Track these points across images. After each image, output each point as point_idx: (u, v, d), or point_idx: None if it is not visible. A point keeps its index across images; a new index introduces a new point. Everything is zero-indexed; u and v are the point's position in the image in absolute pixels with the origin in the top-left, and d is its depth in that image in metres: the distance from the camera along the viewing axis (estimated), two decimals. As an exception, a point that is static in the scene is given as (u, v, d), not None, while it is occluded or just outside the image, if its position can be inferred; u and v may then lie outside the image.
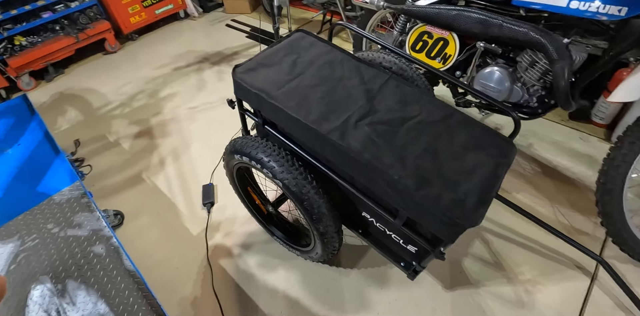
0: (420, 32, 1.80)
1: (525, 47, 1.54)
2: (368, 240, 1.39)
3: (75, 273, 1.24)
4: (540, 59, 1.50)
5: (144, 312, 1.12)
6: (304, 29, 1.47)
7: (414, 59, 1.33)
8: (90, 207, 1.44)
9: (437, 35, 1.75)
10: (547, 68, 1.50)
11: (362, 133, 1.08)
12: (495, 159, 1.06)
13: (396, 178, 0.99)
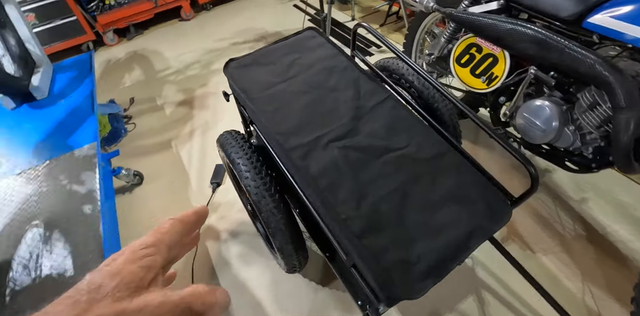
0: (468, 43, 1.51)
1: (589, 83, 1.20)
2: (333, 267, 1.28)
3: (62, 226, 1.34)
4: (604, 101, 1.16)
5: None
6: (313, 26, 1.33)
7: (434, 83, 1.11)
8: (95, 169, 1.54)
9: (486, 50, 1.46)
10: (610, 114, 1.16)
11: (329, 157, 0.94)
12: (476, 222, 0.85)
13: (342, 218, 0.85)
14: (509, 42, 1.29)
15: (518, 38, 1.25)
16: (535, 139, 1.40)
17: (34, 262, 1.24)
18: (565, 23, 1.22)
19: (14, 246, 1.29)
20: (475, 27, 1.36)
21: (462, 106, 1.01)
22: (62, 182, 1.51)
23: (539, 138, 1.38)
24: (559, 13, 1.20)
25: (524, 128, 1.42)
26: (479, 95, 1.61)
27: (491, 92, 1.52)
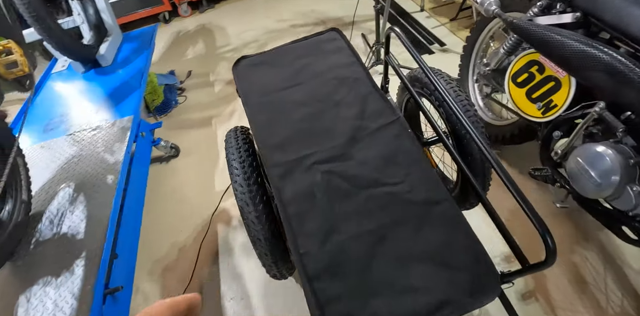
0: (529, 60, 1.23)
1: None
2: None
3: (87, 190, 1.46)
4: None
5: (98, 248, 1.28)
6: (337, 28, 1.18)
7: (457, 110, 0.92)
8: (125, 142, 1.63)
9: (549, 71, 1.18)
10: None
11: (309, 181, 0.85)
12: (453, 294, 0.71)
13: (300, 252, 0.78)
14: (577, 66, 1.01)
15: (589, 64, 0.98)
16: (586, 192, 1.13)
17: (57, 219, 1.37)
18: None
19: (48, 201, 1.45)
20: (538, 42, 1.09)
21: (480, 141, 0.83)
22: (98, 149, 1.63)
23: (591, 192, 1.11)
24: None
25: (574, 175, 1.15)
26: (531, 123, 1.34)
27: (546, 122, 1.25)
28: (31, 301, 1.08)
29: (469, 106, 1.08)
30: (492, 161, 0.79)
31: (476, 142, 0.85)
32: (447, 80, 1.12)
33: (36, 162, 1.56)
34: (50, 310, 1.05)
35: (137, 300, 1.58)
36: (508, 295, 1.32)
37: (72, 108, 1.89)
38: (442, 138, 1.07)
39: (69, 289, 1.08)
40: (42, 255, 1.24)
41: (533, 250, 0.81)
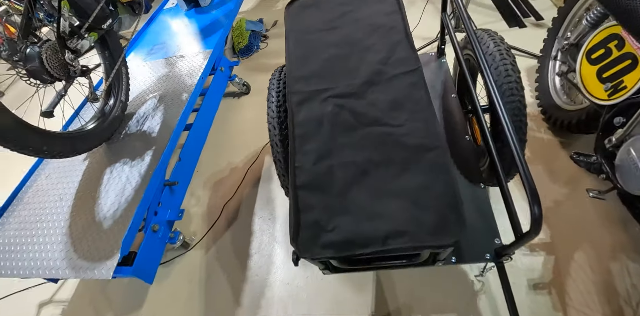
0: (610, 33, 1.06)
1: None
2: None
3: (165, 102, 1.69)
4: None
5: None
6: None
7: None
8: (201, 70, 1.82)
9: (629, 47, 1.01)
10: None
11: (321, 110, 0.93)
12: (413, 229, 0.76)
13: (295, 165, 0.89)
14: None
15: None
16: (630, 187, 1.01)
17: (142, 119, 1.67)
18: None
19: (139, 106, 1.77)
20: (621, 10, 0.93)
21: (503, 116, 0.80)
22: (182, 72, 1.87)
23: (631, 186, 0.99)
24: None
25: (622, 168, 1.02)
26: (597, 107, 1.18)
27: (610, 106, 1.10)
28: (112, 173, 1.42)
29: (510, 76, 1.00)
30: (510, 138, 0.78)
31: (500, 116, 0.82)
32: (495, 45, 1.04)
33: (137, 75, 1.91)
34: (123, 182, 1.38)
35: (191, 201, 1.92)
36: (517, 277, 1.31)
37: (172, 38, 2.19)
38: (475, 109, 1.03)
39: (138, 171, 1.39)
40: (127, 143, 1.56)
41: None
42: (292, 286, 1.54)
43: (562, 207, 1.49)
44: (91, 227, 1.30)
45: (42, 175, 1.54)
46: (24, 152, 1.16)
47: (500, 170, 0.89)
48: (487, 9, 2.38)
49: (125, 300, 1.66)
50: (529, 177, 0.76)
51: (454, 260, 1.07)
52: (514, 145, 0.79)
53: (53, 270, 1.25)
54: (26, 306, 1.75)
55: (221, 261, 1.67)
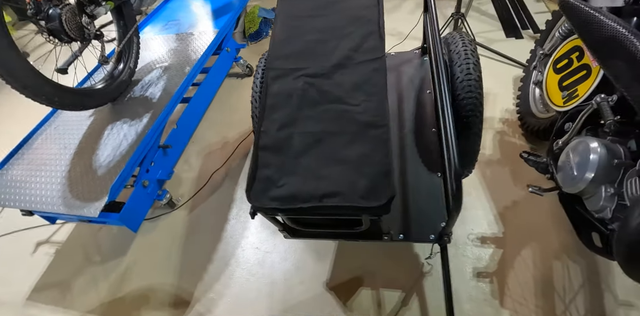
0: (573, 46, 1.12)
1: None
2: None
3: (170, 73, 1.81)
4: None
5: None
6: None
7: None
8: (205, 47, 1.91)
9: (586, 59, 1.07)
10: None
11: (292, 86, 1.03)
12: (346, 190, 0.85)
13: (261, 129, 0.99)
14: (603, 54, 0.93)
15: (613, 51, 0.90)
16: (564, 184, 1.08)
17: (146, 86, 1.77)
18: None
19: (145, 74, 1.87)
20: (579, 22, 1.00)
21: (444, 113, 0.86)
22: (189, 47, 1.97)
23: (567, 185, 1.06)
24: None
25: (561, 168, 1.10)
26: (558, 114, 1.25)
27: (564, 112, 1.16)
28: (113, 130, 1.55)
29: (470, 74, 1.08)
30: (445, 128, 0.84)
31: (444, 109, 0.88)
32: (463, 45, 1.12)
33: (148, 47, 2.03)
34: (120, 139, 1.51)
35: (184, 167, 2.05)
36: (465, 265, 1.40)
37: (185, 16, 2.30)
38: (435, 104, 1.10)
39: (135, 130, 1.52)
40: (130, 105, 1.69)
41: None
42: (260, 250, 1.65)
43: (520, 206, 1.56)
44: (87, 173, 1.43)
45: (52, 125, 1.69)
46: (37, 100, 1.29)
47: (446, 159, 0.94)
48: (489, 17, 2.42)
49: (112, 247, 1.81)
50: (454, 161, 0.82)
51: (401, 237, 1.15)
52: (448, 135, 0.85)
53: (50, 206, 1.39)
54: (25, 243, 1.92)
55: (201, 223, 1.80)
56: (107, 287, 1.67)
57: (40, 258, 1.85)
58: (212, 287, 1.58)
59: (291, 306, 1.46)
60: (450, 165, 0.82)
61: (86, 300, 1.65)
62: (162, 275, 1.65)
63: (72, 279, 1.73)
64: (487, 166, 1.70)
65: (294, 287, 1.51)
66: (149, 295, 1.61)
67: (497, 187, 1.63)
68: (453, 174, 0.82)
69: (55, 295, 1.70)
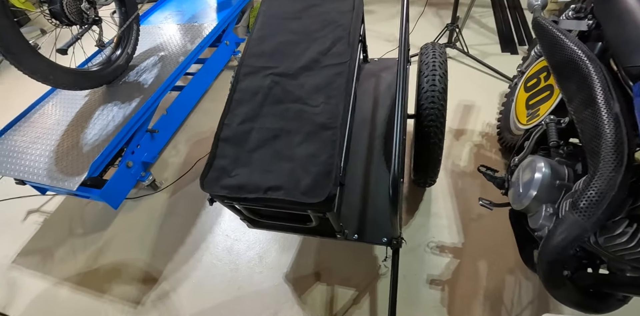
0: (543, 65, 1.13)
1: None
2: None
3: (165, 61, 1.87)
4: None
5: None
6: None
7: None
8: (201, 38, 1.99)
9: (551, 80, 1.08)
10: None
11: (260, 83, 1.07)
12: (291, 186, 0.89)
13: (224, 122, 1.03)
14: (562, 76, 0.94)
15: (569, 74, 0.91)
16: (512, 200, 1.09)
17: (141, 72, 1.84)
18: (630, 75, 0.79)
19: (142, 60, 1.93)
20: (545, 43, 1.01)
21: (399, 121, 0.89)
22: (186, 38, 2.03)
23: (514, 201, 1.07)
24: (623, 56, 0.79)
25: (512, 183, 1.11)
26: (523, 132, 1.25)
27: (525, 130, 1.17)
28: (103, 111, 1.63)
29: (435, 86, 1.10)
30: (396, 136, 0.87)
31: (395, 121, 0.90)
32: (432, 56, 1.14)
33: (149, 35, 2.10)
34: (109, 120, 1.58)
35: (171, 152, 2.12)
36: (421, 271, 1.43)
37: (189, 8, 2.35)
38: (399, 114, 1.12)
39: (123, 113, 1.59)
40: (123, 89, 1.77)
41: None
42: (230, 237, 1.71)
43: (484, 219, 1.57)
44: (73, 149, 1.51)
45: (50, 102, 1.77)
46: (33, 77, 1.37)
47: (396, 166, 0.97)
48: (488, 30, 2.41)
49: (95, 221, 1.89)
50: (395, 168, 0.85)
51: (355, 237, 1.19)
52: (397, 144, 0.87)
53: (36, 176, 1.47)
54: (17, 211, 2.02)
55: (180, 207, 1.87)
56: (85, 259, 1.76)
57: (29, 226, 1.95)
58: (180, 268, 1.65)
59: (248, 293, 1.51)
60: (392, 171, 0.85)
61: (64, 268, 1.73)
62: (136, 252, 1.72)
63: (55, 248, 1.82)
64: (460, 177, 1.72)
65: (254, 276, 1.56)
66: (121, 270, 1.69)
67: (465, 198, 1.64)
68: (391, 180, 0.85)
69: (38, 261, 1.79)
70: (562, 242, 0.76)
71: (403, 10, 1.09)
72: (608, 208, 0.70)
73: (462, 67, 2.20)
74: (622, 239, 0.71)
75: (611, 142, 0.73)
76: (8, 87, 3.03)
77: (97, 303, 1.59)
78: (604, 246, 0.75)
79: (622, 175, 0.70)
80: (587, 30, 0.95)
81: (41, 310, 1.61)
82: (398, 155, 0.86)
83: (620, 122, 0.74)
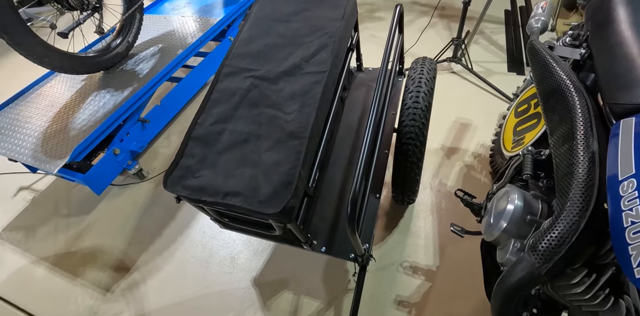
0: (533, 92, 1.08)
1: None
2: None
3: (164, 52, 1.87)
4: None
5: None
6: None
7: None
8: (202, 32, 1.98)
9: (539, 107, 1.02)
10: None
11: (238, 85, 1.04)
12: (249, 193, 0.86)
13: (197, 121, 1.00)
14: (548, 105, 0.89)
15: (555, 104, 0.85)
16: (483, 230, 1.04)
17: (139, 61, 1.83)
18: (613, 113, 0.73)
19: (141, 50, 1.92)
20: (536, 68, 0.96)
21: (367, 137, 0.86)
22: (187, 31, 2.02)
23: (485, 231, 1.02)
24: (608, 92, 0.73)
25: (487, 212, 1.06)
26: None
27: (509, 158, 1.12)
28: (96, 97, 1.63)
29: (418, 103, 1.05)
30: (363, 153, 0.84)
31: (365, 134, 0.88)
32: (419, 73, 1.09)
33: (153, 25, 2.10)
34: (99, 106, 1.58)
35: (163, 143, 2.12)
36: (391, 290, 1.40)
37: (197, 1, 2.33)
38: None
39: (114, 101, 1.59)
40: (118, 77, 1.76)
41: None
42: (206, 234, 1.70)
43: (462, 244, 1.51)
44: (61, 133, 1.52)
45: (48, 84, 1.79)
46: (29, 58, 1.38)
47: (356, 178, 0.93)
48: (497, 48, 2.33)
49: (80, 204, 1.91)
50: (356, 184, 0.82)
51: (323, 249, 1.16)
52: (361, 158, 0.84)
53: (22, 156, 1.48)
54: (9, 186, 2.06)
55: (163, 198, 1.86)
56: (65, 240, 1.77)
57: (19, 202, 1.98)
58: (154, 260, 1.64)
59: (214, 293, 1.49)
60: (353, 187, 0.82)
61: (44, 247, 1.75)
62: (114, 239, 1.73)
63: (38, 226, 1.84)
64: (445, 197, 1.66)
65: (224, 276, 1.54)
66: (97, 255, 1.70)
67: (447, 220, 1.59)
68: (350, 197, 0.82)
69: (20, 237, 1.82)
70: (515, 284, 0.71)
71: (394, 21, 1.05)
72: (566, 255, 0.65)
73: (464, 83, 2.14)
74: (579, 289, 0.66)
75: (581, 182, 0.68)
76: (13, 68, 3.09)
77: (69, 285, 1.61)
78: (560, 294, 0.70)
79: (587, 219, 0.65)
80: (581, 60, 0.89)
81: (17, 286, 1.63)
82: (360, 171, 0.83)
83: (595, 162, 0.69)
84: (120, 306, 1.50)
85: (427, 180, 1.72)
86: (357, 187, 0.82)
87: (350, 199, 0.81)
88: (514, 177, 1.00)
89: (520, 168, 0.97)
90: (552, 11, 1.15)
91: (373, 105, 0.91)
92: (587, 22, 0.95)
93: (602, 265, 0.67)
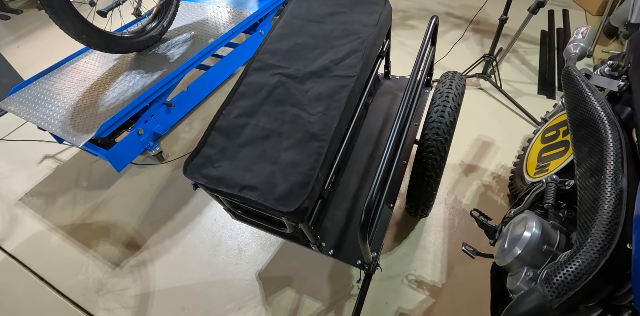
0: (563, 119, 1.04)
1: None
2: None
3: (196, 40, 1.88)
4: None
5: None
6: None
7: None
8: (235, 23, 1.97)
9: (569, 136, 0.99)
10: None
11: (266, 81, 1.04)
12: (266, 189, 0.87)
13: (222, 112, 1.01)
14: (578, 134, 0.86)
15: (586, 134, 0.83)
16: (496, 254, 1.02)
17: (171, 46, 1.85)
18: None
19: (175, 35, 1.95)
20: (569, 96, 0.93)
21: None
22: (220, 21, 2.02)
23: (497, 256, 1.00)
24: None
25: (501, 236, 1.04)
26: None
27: (530, 183, 1.09)
28: (126, 77, 1.66)
29: (443, 118, 1.03)
30: (381, 165, 0.84)
31: (387, 144, 0.87)
32: (448, 87, 1.07)
33: (187, 11, 2.11)
34: (128, 86, 1.61)
35: (185, 128, 2.15)
36: (394, 302, 1.40)
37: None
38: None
39: (143, 82, 1.62)
40: (150, 59, 1.79)
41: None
42: (217, 223, 1.72)
43: (471, 264, 1.48)
44: (90, 108, 1.55)
45: (83, 59, 1.83)
46: (67, 32, 1.41)
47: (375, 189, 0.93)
48: (529, 68, 2.27)
49: (99, 178, 1.96)
50: (373, 193, 0.81)
51: (331, 252, 1.15)
52: (380, 169, 0.83)
53: (51, 126, 1.53)
54: (35, 153, 2.13)
55: (179, 182, 1.90)
56: (82, 211, 1.83)
57: (42, 169, 2.05)
58: (163, 241, 1.68)
59: (218, 281, 1.52)
60: (369, 196, 0.81)
61: (61, 215, 1.81)
62: (128, 216, 1.77)
63: (59, 195, 1.90)
64: (459, 215, 1.63)
65: (229, 266, 1.56)
66: (110, 230, 1.74)
67: (458, 238, 1.56)
68: (366, 205, 0.81)
69: (41, 203, 1.88)
70: (523, 314, 0.70)
71: (428, 32, 1.03)
72: (581, 292, 0.63)
73: (491, 101, 2.09)
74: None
75: (606, 219, 0.66)
76: (49, 42, 3.16)
77: (81, 256, 1.66)
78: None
79: (607, 258, 0.63)
80: (618, 91, 0.86)
81: (31, 250, 1.69)
82: (378, 180, 0.82)
83: (623, 200, 0.67)
84: (127, 282, 1.54)
85: (442, 195, 1.70)
86: (374, 196, 0.81)
87: (365, 207, 0.81)
88: (534, 203, 0.98)
89: (541, 195, 0.94)
90: (592, 38, 1.11)
91: (398, 115, 0.90)
92: (630, 54, 0.91)
93: (618, 306, 0.65)
